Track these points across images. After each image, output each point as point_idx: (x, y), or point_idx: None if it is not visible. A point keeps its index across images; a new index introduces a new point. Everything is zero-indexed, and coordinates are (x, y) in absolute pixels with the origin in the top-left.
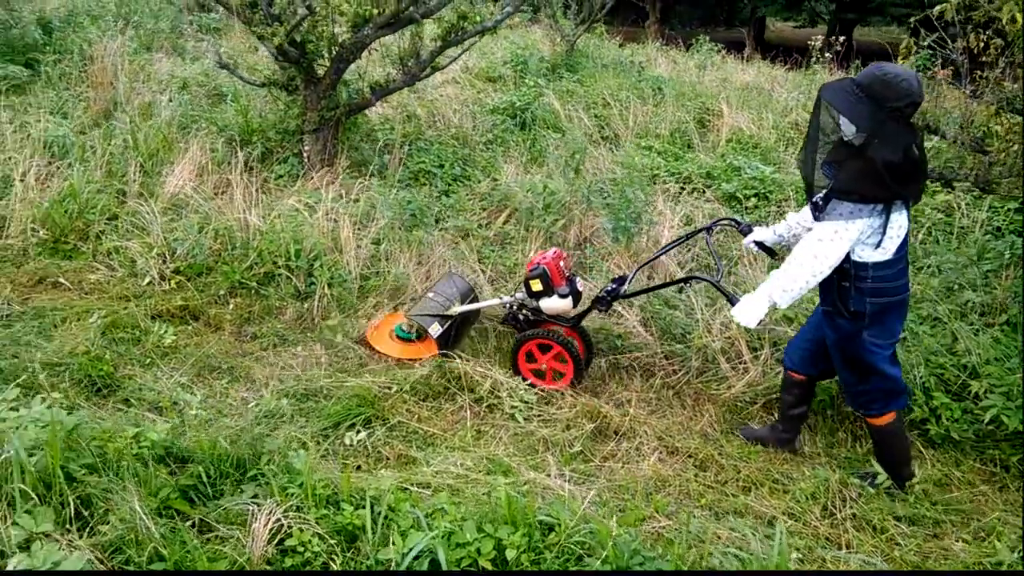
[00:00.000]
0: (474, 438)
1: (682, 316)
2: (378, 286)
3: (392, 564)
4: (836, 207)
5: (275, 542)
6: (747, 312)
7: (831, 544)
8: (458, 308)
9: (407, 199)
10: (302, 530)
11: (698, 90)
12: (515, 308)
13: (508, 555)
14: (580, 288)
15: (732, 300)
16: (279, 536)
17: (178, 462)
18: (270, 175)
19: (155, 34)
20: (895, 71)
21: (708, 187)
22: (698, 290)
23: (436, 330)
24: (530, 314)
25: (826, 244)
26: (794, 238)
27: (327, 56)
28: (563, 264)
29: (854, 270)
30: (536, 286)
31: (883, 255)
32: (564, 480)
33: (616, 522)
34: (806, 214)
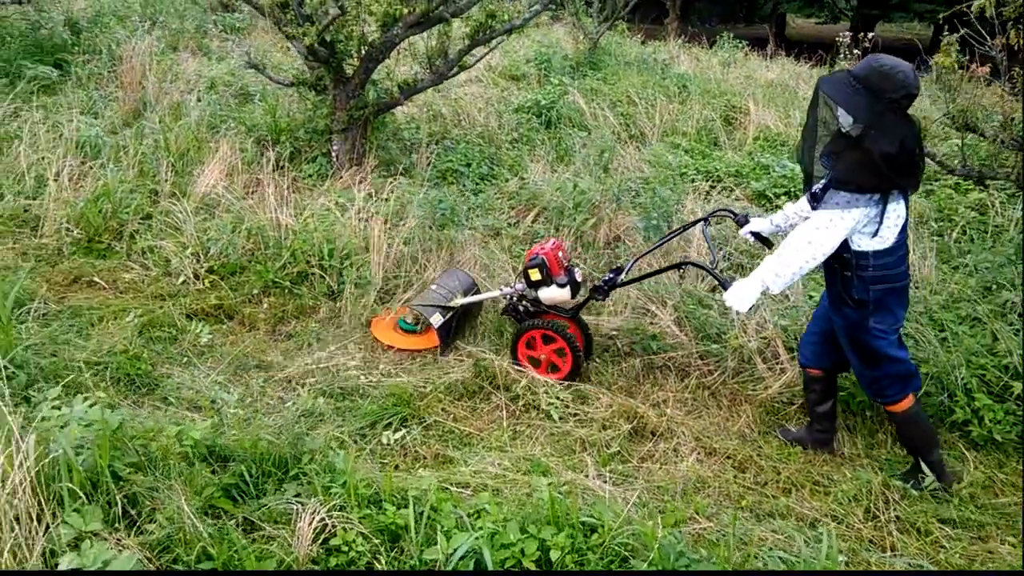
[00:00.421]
0: (510, 438)
1: (716, 316)
2: (398, 286)
3: (438, 564)
4: (833, 196)
5: (319, 541)
6: (739, 296)
7: (875, 547)
8: (460, 300)
9: (438, 198)
10: (345, 529)
11: (723, 87)
12: (515, 299)
13: (552, 556)
14: (579, 278)
15: (725, 285)
16: (323, 536)
17: (219, 461)
18: (299, 174)
19: (180, 34)
20: (891, 63)
21: (738, 185)
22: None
23: (438, 320)
24: (530, 305)
25: (821, 232)
26: (791, 228)
27: (356, 56)
28: (561, 254)
29: (855, 259)
30: (535, 276)
31: (882, 243)
32: (603, 481)
33: (662, 522)
34: (803, 205)
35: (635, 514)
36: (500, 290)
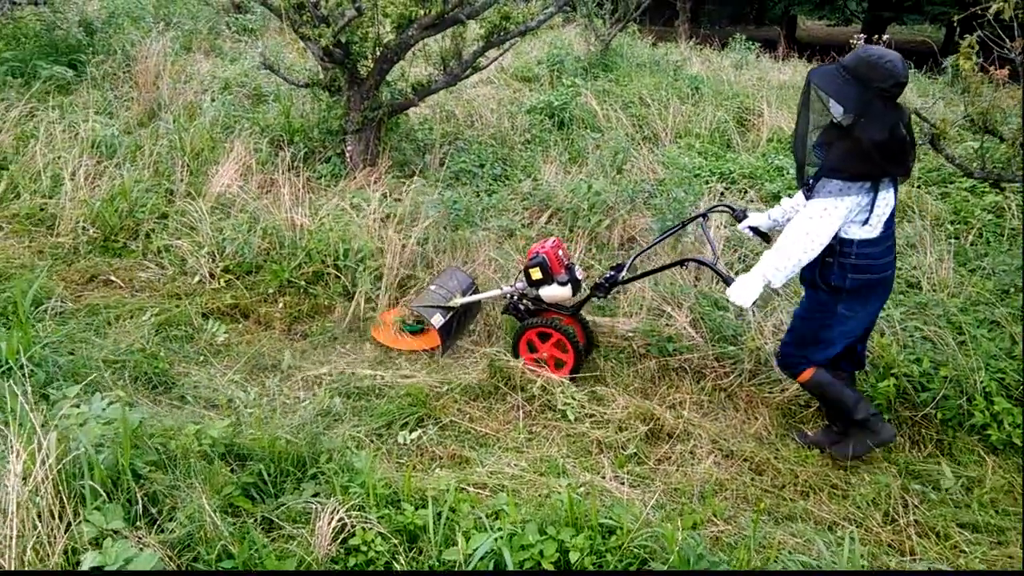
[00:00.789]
0: (527, 438)
1: (732, 318)
2: (412, 287)
3: (457, 565)
4: (825, 185)
5: (339, 541)
6: (742, 292)
7: (894, 551)
8: (460, 300)
9: (452, 199)
10: (364, 529)
11: (735, 89)
12: (516, 298)
13: (571, 558)
14: (579, 276)
15: (727, 281)
16: (342, 535)
17: (237, 459)
18: (312, 175)
19: (194, 35)
20: (879, 53)
21: (751, 187)
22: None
23: (438, 321)
24: (530, 303)
25: (816, 221)
26: (788, 222)
27: (371, 57)
28: (562, 253)
29: (839, 246)
30: (536, 274)
31: (870, 232)
32: (620, 482)
33: (681, 525)
34: (799, 199)
35: (653, 516)
36: (501, 289)
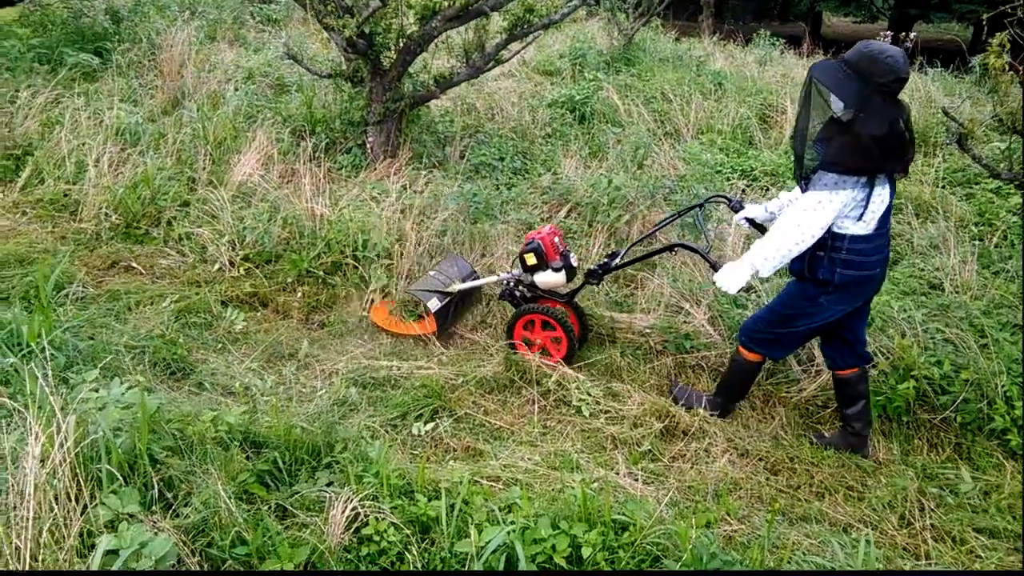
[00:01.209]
0: (541, 432)
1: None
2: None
3: (469, 557)
4: (821, 178)
5: (352, 530)
6: (729, 278)
7: (909, 554)
8: (458, 286)
9: (472, 192)
10: (378, 519)
11: (759, 86)
12: (512, 284)
13: (584, 553)
14: (574, 263)
15: (715, 267)
16: (355, 524)
17: (253, 447)
18: (333, 165)
19: (218, 24)
20: (880, 48)
21: (773, 184)
22: (766, 290)
23: (435, 305)
24: (526, 290)
25: (809, 214)
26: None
27: (394, 48)
28: (558, 240)
29: (831, 240)
30: (531, 260)
31: (864, 228)
32: (634, 479)
33: (695, 523)
34: (797, 192)
35: (666, 513)
36: (498, 275)
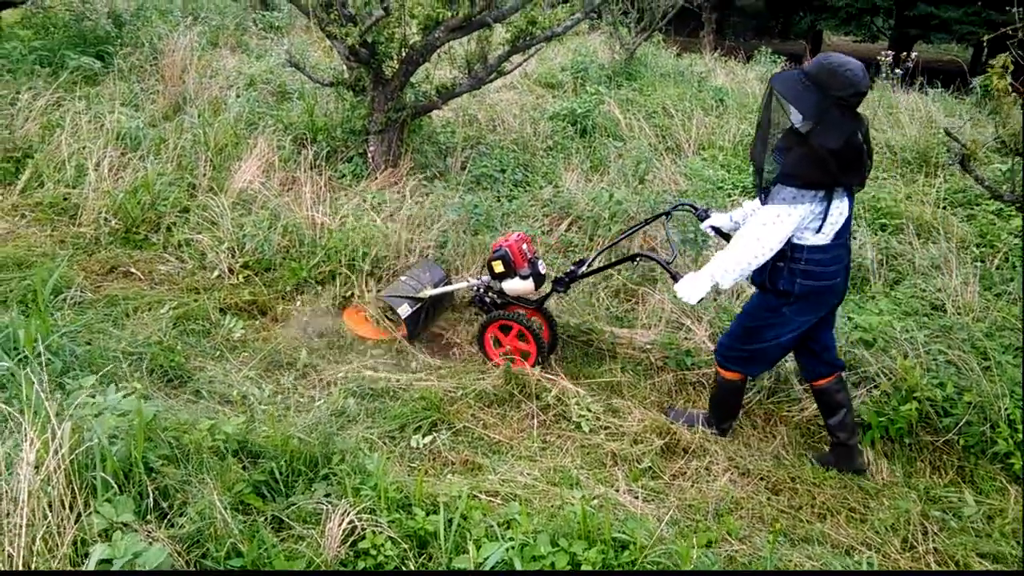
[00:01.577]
0: (540, 447)
1: None
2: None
3: None
4: (780, 192)
5: (348, 543)
6: (689, 289)
7: None
8: (429, 291)
9: (473, 203)
10: (375, 533)
11: (760, 103)
12: (481, 291)
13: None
14: (542, 271)
15: (676, 277)
16: (352, 538)
17: (250, 457)
18: (334, 174)
19: (220, 30)
20: (840, 60)
21: None
22: None
23: (405, 311)
24: (496, 296)
25: (768, 228)
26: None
27: (396, 58)
28: (526, 247)
29: (790, 251)
30: (498, 267)
31: (823, 239)
32: (634, 496)
33: (696, 543)
34: (759, 202)
35: (667, 532)
36: (467, 281)
